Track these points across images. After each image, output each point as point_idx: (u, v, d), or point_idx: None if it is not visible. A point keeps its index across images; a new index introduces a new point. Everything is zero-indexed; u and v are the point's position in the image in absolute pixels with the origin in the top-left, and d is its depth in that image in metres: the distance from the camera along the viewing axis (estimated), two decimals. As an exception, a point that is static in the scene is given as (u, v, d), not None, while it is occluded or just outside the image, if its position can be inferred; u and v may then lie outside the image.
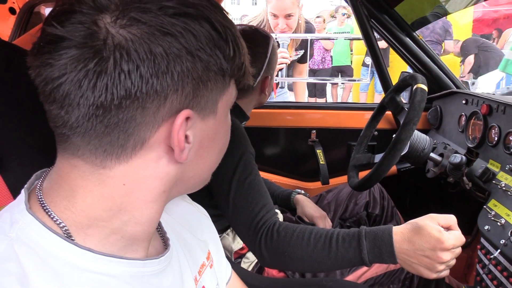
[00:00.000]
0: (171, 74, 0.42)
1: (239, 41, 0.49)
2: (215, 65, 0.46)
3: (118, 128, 0.43)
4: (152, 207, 0.49)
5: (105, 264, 0.46)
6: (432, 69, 1.84)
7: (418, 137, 1.33)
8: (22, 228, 0.44)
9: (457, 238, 0.85)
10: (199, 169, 0.52)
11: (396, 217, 1.59)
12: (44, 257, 0.43)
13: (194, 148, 0.49)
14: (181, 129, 0.45)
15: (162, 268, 0.53)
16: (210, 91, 0.47)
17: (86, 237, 0.46)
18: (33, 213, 0.45)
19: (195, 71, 0.44)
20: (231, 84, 0.51)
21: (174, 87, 0.43)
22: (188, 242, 0.65)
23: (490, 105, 1.33)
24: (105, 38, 0.40)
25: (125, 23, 0.41)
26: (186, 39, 0.43)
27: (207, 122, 0.49)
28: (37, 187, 0.48)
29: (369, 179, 1.22)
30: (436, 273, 0.86)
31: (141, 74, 0.41)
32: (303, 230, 1.00)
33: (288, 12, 2.38)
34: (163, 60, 0.41)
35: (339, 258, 0.94)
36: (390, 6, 1.80)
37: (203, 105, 0.47)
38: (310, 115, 1.96)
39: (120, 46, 0.40)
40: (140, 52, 0.40)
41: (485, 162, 1.29)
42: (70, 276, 0.43)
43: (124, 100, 0.41)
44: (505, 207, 1.09)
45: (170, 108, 0.44)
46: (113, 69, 0.40)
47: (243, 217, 1.07)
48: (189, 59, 0.43)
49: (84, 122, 0.42)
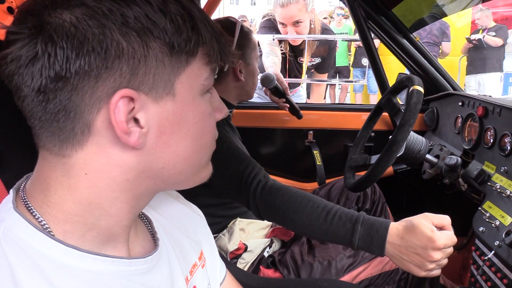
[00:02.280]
0: (97, 53, 0.42)
1: (188, 15, 0.46)
2: (152, 39, 0.44)
3: (60, 112, 0.43)
4: (119, 197, 0.48)
5: (90, 262, 0.46)
6: (429, 71, 1.85)
7: (414, 138, 1.34)
8: (8, 227, 0.45)
9: (449, 238, 0.86)
10: (169, 159, 0.49)
11: (385, 213, 1.61)
12: (30, 254, 0.44)
13: (152, 134, 0.47)
14: (118, 109, 0.43)
15: (150, 268, 0.53)
16: (155, 69, 0.45)
17: (65, 234, 0.46)
18: (20, 212, 0.45)
19: (127, 47, 0.43)
20: (194, 64, 0.48)
21: (103, 66, 0.42)
22: (180, 242, 0.65)
23: (486, 107, 1.34)
24: (35, 25, 0.41)
25: (58, 9, 0.42)
26: (115, 16, 0.42)
27: (163, 104, 0.47)
28: (22, 186, 0.49)
29: (365, 180, 1.23)
30: (425, 272, 0.87)
31: (67, 55, 0.41)
32: (302, 195, 1.03)
33: (295, 19, 2.32)
34: (86, 39, 0.41)
35: (329, 233, 0.97)
36: (387, 7, 1.80)
37: (151, 85, 0.45)
38: (307, 116, 1.97)
39: (45, 30, 0.41)
40: (62, 34, 0.41)
41: (481, 164, 1.30)
42: (56, 273, 0.44)
43: (56, 83, 0.42)
44: (500, 208, 1.10)
45: (107, 89, 0.43)
46: (42, 53, 0.41)
47: (233, 177, 1.11)
48: (116, 35, 0.42)
49: (34, 109, 0.44)
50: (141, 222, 0.60)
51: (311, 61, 2.71)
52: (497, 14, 7.21)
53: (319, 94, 3.17)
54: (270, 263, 1.37)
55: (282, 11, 2.31)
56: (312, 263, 1.31)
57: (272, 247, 1.45)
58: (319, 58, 2.73)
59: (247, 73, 1.40)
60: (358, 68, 6.37)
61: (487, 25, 5.85)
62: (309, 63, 2.69)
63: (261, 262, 1.38)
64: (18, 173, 0.54)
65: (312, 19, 2.46)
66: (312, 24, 2.46)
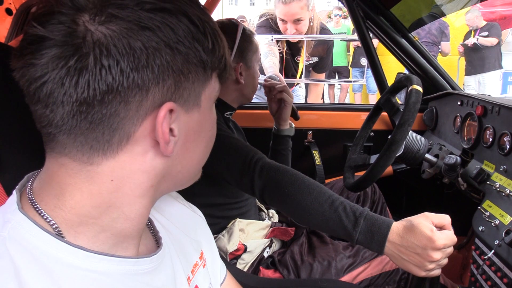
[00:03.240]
0: (151, 68, 0.43)
1: (218, 35, 0.50)
2: (195, 57, 0.47)
3: (102, 123, 0.43)
4: (141, 202, 0.49)
5: (96, 262, 0.46)
6: (428, 70, 1.85)
7: (414, 138, 1.34)
8: (14, 227, 0.44)
9: (449, 237, 0.86)
10: (186, 163, 0.53)
11: (385, 213, 1.61)
12: (36, 255, 0.44)
13: (180, 141, 0.49)
14: (164, 121, 0.45)
15: (154, 267, 0.53)
16: (192, 84, 0.48)
17: (77, 235, 0.46)
18: (25, 213, 0.45)
19: (175, 64, 0.45)
20: (213, 78, 0.52)
21: (155, 80, 0.44)
22: (181, 241, 0.65)
23: (485, 106, 1.34)
24: (84, 35, 0.41)
25: (104, 19, 0.42)
26: (164, 33, 0.44)
27: (192, 115, 0.50)
28: (27, 187, 0.49)
29: (365, 179, 1.23)
30: (425, 272, 0.87)
31: (121, 68, 0.42)
32: (310, 180, 1.04)
33: (296, 17, 2.33)
34: (142, 54, 0.42)
35: (331, 221, 0.97)
36: (386, 7, 1.80)
37: (186, 98, 0.48)
38: (306, 116, 1.97)
39: (100, 42, 0.41)
40: (119, 47, 0.41)
41: (480, 163, 1.30)
42: (61, 273, 0.44)
43: (106, 95, 0.42)
44: (499, 208, 1.10)
45: (152, 102, 0.45)
46: (94, 65, 0.41)
47: (236, 164, 1.11)
48: (168, 52, 0.44)
49: (69, 119, 0.43)
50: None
51: (309, 60, 2.71)
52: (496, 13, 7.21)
53: (317, 94, 3.16)
54: (270, 264, 1.37)
55: (284, 8, 2.32)
56: (312, 263, 1.31)
57: (272, 247, 1.44)
58: (316, 57, 2.74)
59: (248, 76, 1.39)
60: (357, 68, 6.38)
61: (478, 25, 5.89)
62: (306, 62, 2.69)
63: (261, 263, 1.38)
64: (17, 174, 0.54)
65: (312, 17, 2.47)
66: (311, 22, 2.47)
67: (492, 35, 5.80)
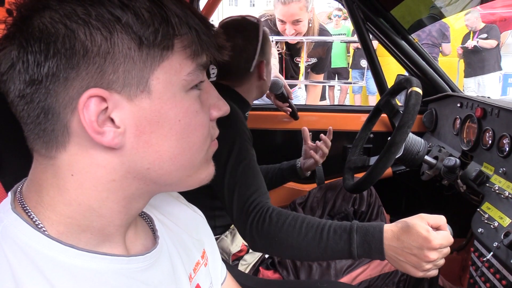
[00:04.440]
0: (62, 54, 0.42)
1: (158, 7, 0.44)
2: (117, 36, 0.43)
3: (40, 115, 0.44)
4: (108, 197, 0.48)
5: (89, 260, 0.47)
6: (428, 72, 1.85)
7: (413, 140, 1.34)
8: (7, 226, 0.45)
9: (445, 238, 0.86)
10: (153, 159, 0.48)
11: (382, 216, 1.61)
12: (28, 253, 0.44)
13: (130, 133, 0.46)
14: (87, 109, 0.43)
15: (149, 265, 0.53)
16: (124, 66, 0.43)
17: (60, 235, 0.46)
18: (17, 212, 0.46)
19: (91, 46, 0.42)
20: (173, 58, 0.46)
21: (69, 66, 0.42)
22: (183, 240, 0.65)
23: (485, 108, 1.34)
24: (9, 33, 0.44)
25: (28, 15, 0.43)
26: (77, 16, 0.42)
27: (138, 102, 0.45)
28: (19, 188, 0.50)
29: (364, 181, 1.23)
30: (422, 272, 0.88)
31: (37, 59, 0.42)
32: (296, 218, 1.02)
33: (295, 18, 2.32)
34: (51, 42, 0.42)
35: (328, 249, 0.96)
36: (386, 9, 1.81)
37: (123, 83, 0.44)
38: (306, 117, 1.97)
39: (16, 37, 0.43)
40: (30, 39, 0.42)
41: (479, 165, 1.30)
42: (53, 272, 0.44)
43: (31, 86, 0.43)
44: (498, 210, 1.10)
45: (77, 89, 0.43)
46: (17, 60, 0.42)
47: (237, 201, 1.09)
48: (80, 36, 0.42)
49: (20, 113, 0.45)
50: (143, 221, 0.61)
51: (307, 61, 2.72)
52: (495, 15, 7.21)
53: (315, 95, 3.16)
54: (270, 264, 1.37)
55: (283, 8, 2.31)
56: (311, 264, 1.32)
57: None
58: (315, 58, 2.74)
59: (268, 72, 1.39)
60: (357, 70, 6.38)
61: (477, 26, 5.90)
62: (305, 63, 2.70)
63: (261, 264, 1.38)
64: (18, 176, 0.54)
65: (311, 18, 2.47)
66: (310, 23, 2.47)
67: (491, 37, 5.81)
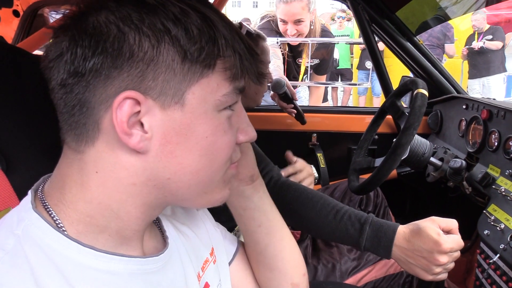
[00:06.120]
0: (109, 53, 0.43)
1: (209, 26, 0.46)
2: (164, 46, 0.44)
3: (76, 106, 0.45)
4: (127, 200, 0.48)
5: (107, 261, 0.47)
6: (433, 74, 1.85)
7: (419, 141, 1.34)
8: (28, 226, 0.45)
9: (456, 242, 0.86)
10: (175, 170, 0.48)
11: (388, 217, 1.61)
12: (48, 253, 0.44)
13: (156, 141, 0.46)
14: (121, 109, 0.44)
15: (162, 266, 0.53)
16: (164, 75, 0.44)
17: (79, 235, 0.47)
18: (38, 212, 0.46)
19: (138, 51, 0.43)
20: (212, 77, 0.47)
21: (113, 65, 0.43)
22: (191, 238, 0.65)
23: (490, 110, 1.34)
24: (64, 26, 0.45)
25: (86, 13, 0.45)
26: (131, 21, 0.43)
27: (171, 113, 0.46)
28: (41, 187, 0.50)
29: (370, 183, 1.23)
30: (432, 275, 0.87)
31: (84, 54, 0.43)
32: (313, 193, 1.05)
33: (297, 18, 2.32)
34: (102, 40, 0.43)
35: (337, 231, 0.98)
36: (391, 11, 1.81)
37: (160, 91, 0.45)
38: (310, 118, 1.97)
39: (70, 30, 0.45)
40: (83, 34, 0.43)
41: (485, 167, 1.30)
42: (73, 272, 0.44)
43: (73, 77, 0.44)
44: (505, 212, 1.09)
45: (115, 88, 0.44)
46: (66, 50, 0.44)
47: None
48: (130, 39, 0.43)
49: (58, 102, 0.46)
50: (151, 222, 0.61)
51: (310, 62, 2.72)
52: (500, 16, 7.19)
53: (318, 96, 3.16)
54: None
55: (285, 7, 2.31)
56: (317, 265, 1.32)
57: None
58: (317, 59, 2.74)
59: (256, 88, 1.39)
60: (363, 71, 6.37)
61: (483, 27, 5.89)
62: (307, 63, 2.70)
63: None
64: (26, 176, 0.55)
65: (313, 20, 2.46)
66: (312, 25, 2.46)
67: (496, 39, 5.81)
